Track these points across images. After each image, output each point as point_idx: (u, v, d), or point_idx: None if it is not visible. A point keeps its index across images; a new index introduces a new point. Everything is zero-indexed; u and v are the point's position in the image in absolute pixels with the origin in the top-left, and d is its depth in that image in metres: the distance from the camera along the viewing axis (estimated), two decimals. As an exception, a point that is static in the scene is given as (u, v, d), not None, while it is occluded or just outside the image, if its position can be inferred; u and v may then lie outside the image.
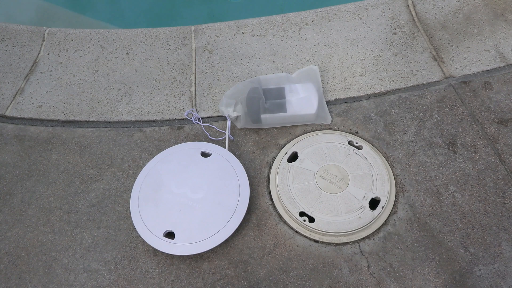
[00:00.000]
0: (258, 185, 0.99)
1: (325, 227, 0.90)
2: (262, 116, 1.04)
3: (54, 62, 1.31)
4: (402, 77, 1.17)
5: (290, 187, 0.96)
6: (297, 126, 1.09)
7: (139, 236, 0.89)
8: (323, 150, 1.02)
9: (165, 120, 1.14)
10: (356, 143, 1.03)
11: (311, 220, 0.91)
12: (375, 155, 1.00)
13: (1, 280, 0.89)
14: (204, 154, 0.99)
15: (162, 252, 0.87)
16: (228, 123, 1.05)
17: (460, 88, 1.13)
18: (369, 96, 1.14)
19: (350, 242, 0.89)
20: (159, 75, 1.25)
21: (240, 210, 0.89)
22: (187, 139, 1.09)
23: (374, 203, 0.93)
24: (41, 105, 1.20)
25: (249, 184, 0.94)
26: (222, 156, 0.98)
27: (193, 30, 1.35)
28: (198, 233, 0.87)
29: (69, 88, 1.23)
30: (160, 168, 0.97)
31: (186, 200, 0.91)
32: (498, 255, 0.85)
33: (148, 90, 1.21)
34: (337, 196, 0.94)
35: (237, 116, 1.07)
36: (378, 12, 1.32)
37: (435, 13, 1.30)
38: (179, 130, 1.12)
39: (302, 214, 0.92)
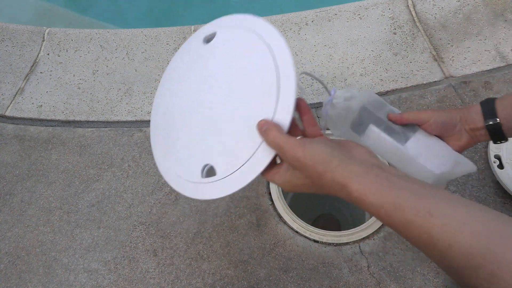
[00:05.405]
0: (258, 185, 0.99)
1: (325, 227, 0.90)
2: (372, 127, 0.64)
3: (54, 62, 1.31)
4: (402, 77, 1.17)
5: (290, 187, 0.96)
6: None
7: (139, 236, 0.89)
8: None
9: (165, 120, 1.14)
10: (356, 143, 1.03)
11: (311, 220, 0.91)
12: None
13: (1, 280, 0.89)
14: (207, 40, 0.58)
15: (204, 200, 0.55)
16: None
17: (460, 88, 1.13)
18: (369, 96, 1.14)
19: (350, 242, 0.89)
20: (159, 75, 1.25)
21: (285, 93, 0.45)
22: (187, 139, 1.09)
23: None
24: (41, 105, 1.20)
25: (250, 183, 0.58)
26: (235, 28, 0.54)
27: (193, 30, 1.35)
28: (239, 151, 0.48)
29: (69, 88, 1.23)
30: (167, 89, 0.61)
31: (206, 115, 0.52)
32: (498, 255, 0.85)
33: (148, 90, 1.21)
34: (337, 196, 0.94)
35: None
36: (378, 12, 1.32)
37: (435, 13, 1.30)
38: (179, 130, 1.12)
39: (302, 214, 0.92)
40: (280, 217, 0.94)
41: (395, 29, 1.28)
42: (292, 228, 0.92)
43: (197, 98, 0.54)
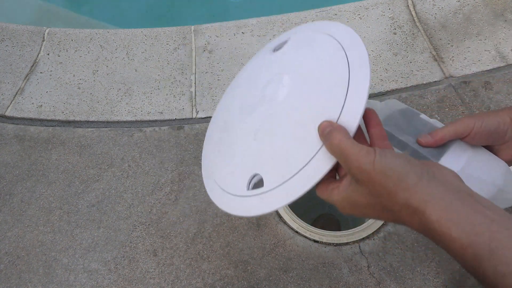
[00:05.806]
0: (258, 185, 0.99)
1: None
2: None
3: (54, 62, 1.31)
4: (402, 77, 1.17)
5: (290, 187, 0.96)
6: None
7: (139, 236, 0.89)
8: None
9: (165, 120, 1.15)
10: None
11: (311, 220, 0.91)
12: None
13: (1, 280, 0.90)
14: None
15: (251, 216, 0.46)
16: None
17: (460, 88, 1.13)
18: (369, 96, 1.14)
19: (350, 242, 0.89)
20: (159, 75, 1.25)
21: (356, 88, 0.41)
22: (187, 139, 1.09)
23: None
24: (41, 105, 1.20)
25: None
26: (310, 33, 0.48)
27: (193, 30, 1.35)
28: (291, 158, 0.40)
29: (69, 88, 1.23)
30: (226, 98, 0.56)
31: (262, 117, 0.45)
32: (498, 255, 0.85)
33: (148, 90, 1.21)
34: (337, 196, 0.94)
35: None
36: (378, 12, 1.32)
37: (435, 13, 1.30)
38: (179, 130, 1.12)
39: (302, 214, 0.92)
40: (280, 217, 0.94)
41: (395, 29, 1.28)
42: (292, 228, 0.92)
43: (255, 99, 0.46)
